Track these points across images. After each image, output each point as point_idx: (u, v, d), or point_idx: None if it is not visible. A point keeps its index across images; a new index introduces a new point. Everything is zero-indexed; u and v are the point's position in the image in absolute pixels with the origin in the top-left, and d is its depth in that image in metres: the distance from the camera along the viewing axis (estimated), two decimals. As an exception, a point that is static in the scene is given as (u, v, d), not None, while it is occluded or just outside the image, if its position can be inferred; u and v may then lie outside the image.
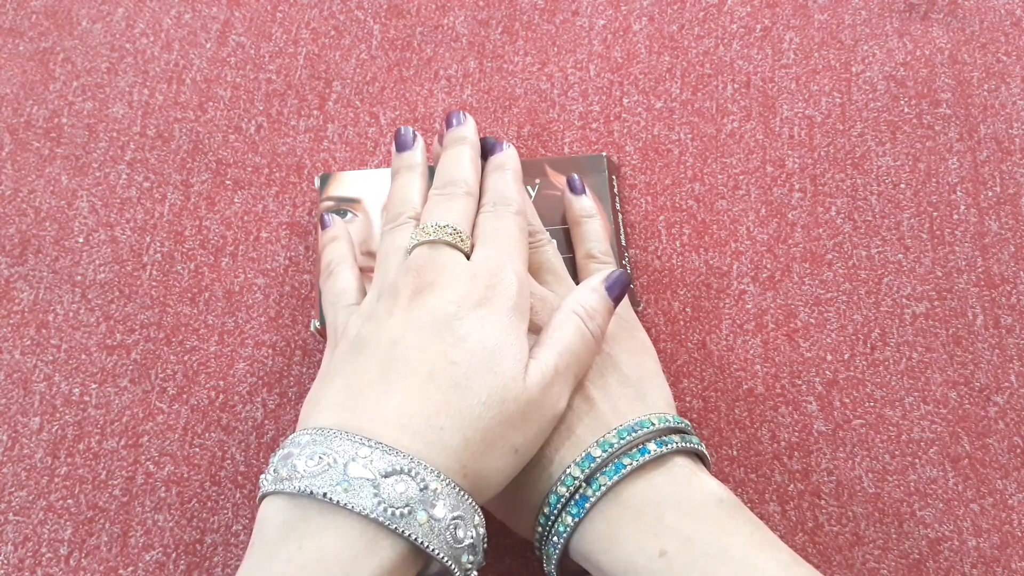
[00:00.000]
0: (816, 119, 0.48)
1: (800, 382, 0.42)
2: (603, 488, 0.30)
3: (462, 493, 0.28)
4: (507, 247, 0.34)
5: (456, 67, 0.50)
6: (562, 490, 0.31)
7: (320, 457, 0.27)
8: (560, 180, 0.42)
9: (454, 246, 0.33)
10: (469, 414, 0.29)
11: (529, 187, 0.42)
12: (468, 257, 0.33)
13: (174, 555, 0.39)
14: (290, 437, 0.29)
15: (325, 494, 0.26)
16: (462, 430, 0.29)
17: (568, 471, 0.31)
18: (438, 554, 0.27)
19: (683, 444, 0.31)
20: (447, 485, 0.28)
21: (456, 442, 0.28)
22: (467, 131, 0.38)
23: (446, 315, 0.31)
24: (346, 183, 0.42)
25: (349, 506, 0.26)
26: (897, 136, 0.48)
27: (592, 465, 0.30)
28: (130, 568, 0.39)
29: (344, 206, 0.41)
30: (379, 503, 0.26)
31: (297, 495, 0.27)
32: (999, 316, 0.44)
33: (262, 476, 0.29)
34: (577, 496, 0.30)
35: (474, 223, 0.35)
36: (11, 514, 0.40)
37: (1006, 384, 0.43)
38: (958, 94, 0.49)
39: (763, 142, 0.48)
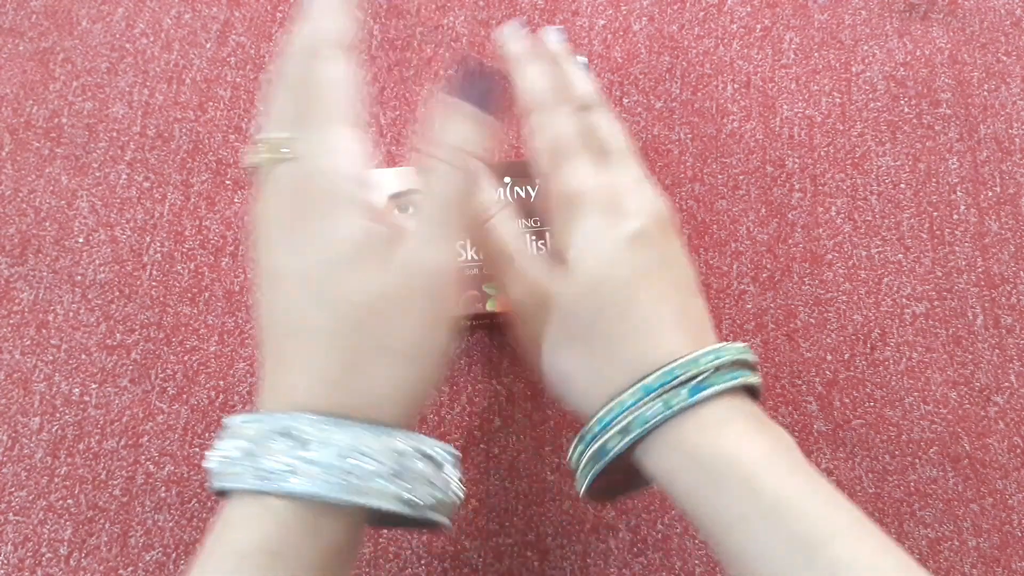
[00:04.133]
0: (816, 119, 0.48)
1: (800, 382, 0.42)
2: (722, 385, 0.29)
3: (350, 427, 0.26)
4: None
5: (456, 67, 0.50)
6: (685, 371, 0.29)
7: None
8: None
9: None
10: (319, 349, 0.27)
11: (529, 187, 0.42)
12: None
13: (174, 555, 0.39)
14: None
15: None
16: (318, 368, 0.27)
17: (692, 357, 0.29)
18: (336, 498, 0.25)
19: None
20: (322, 426, 0.26)
21: (318, 380, 0.27)
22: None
23: (262, 243, 0.29)
24: (346, 183, 0.42)
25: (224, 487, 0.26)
26: (897, 136, 0.48)
27: (718, 361, 0.29)
28: (130, 568, 0.39)
29: (344, 206, 0.41)
30: (254, 477, 0.26)
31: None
32: (999, 316, 0.44)
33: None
34: (693, 383, 0.29)
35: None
36: (11, 514, 0.40)
37: (1006, 384, 0.43)
38: (958, 94, 0.49)
39: (763, 142, 0.48)
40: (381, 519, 0.30)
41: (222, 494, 0.28)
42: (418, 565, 0.39)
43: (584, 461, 0.31)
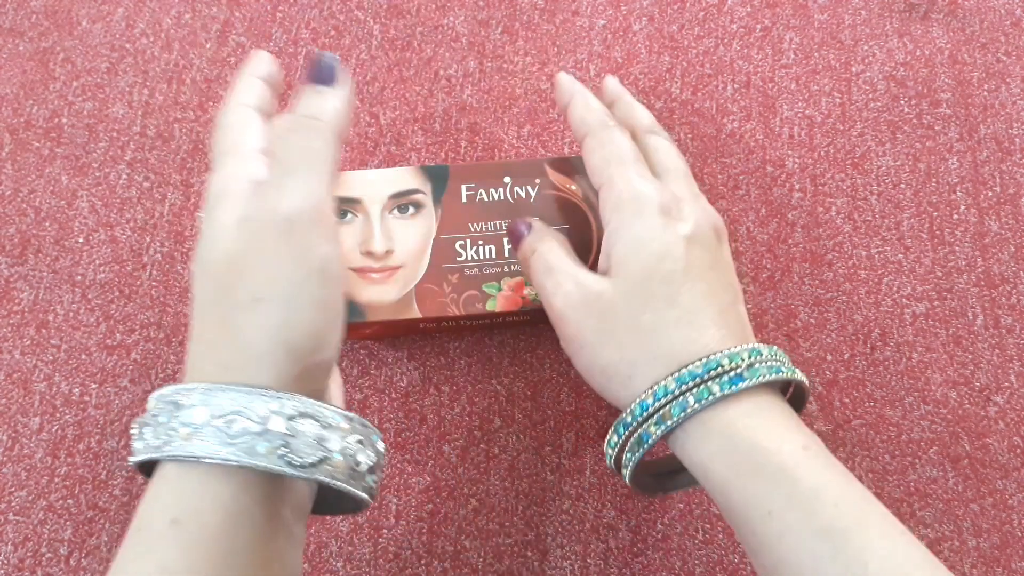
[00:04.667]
0: (816, 119, 0.48)
1: (800, 382, 0.42)
2: (762, 378, 0.30)
3: (227, 389, 0.27)
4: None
5: (456, 67, 0.50)
6: (725, 363, 0.31)
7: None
8: (560, 180, 0.42)
9: None
10: (200, 319, 0.29)
11: (529, 187, 0.42)
12: None
13: (174, 555, 0.39)
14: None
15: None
16: (200, 336, 0.28)
17: (734, 351, 0.31)
18: (213, 458, 0.26)
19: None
20: (201, 390, 0.27)
21: (202, 345, 0.28)
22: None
23: None
24: (346, 183, 0.42)
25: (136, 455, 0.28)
26: (897, 136, 0.48)
27: (758, 357, 0.31)
28: (130, 568, 0.39)
29: (344, 206, 0.41)
30: (145, 446, 0.27)
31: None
32: (999, 316, 0.44)
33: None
34: (733, 373, 0.30)
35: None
36: (11, 514, 0.40)
37: (1006, 384, 0.43)
38: (958, 94, 0.49)
39: (763, 142, 0.48)
40: (320, 504, 0.31)
41: (147, 473, 0.28)
42: (418, 565, 0.39)
43: (624, 451, 0.32)
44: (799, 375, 0.32)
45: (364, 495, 0.28)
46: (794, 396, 0.34)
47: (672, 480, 0.37)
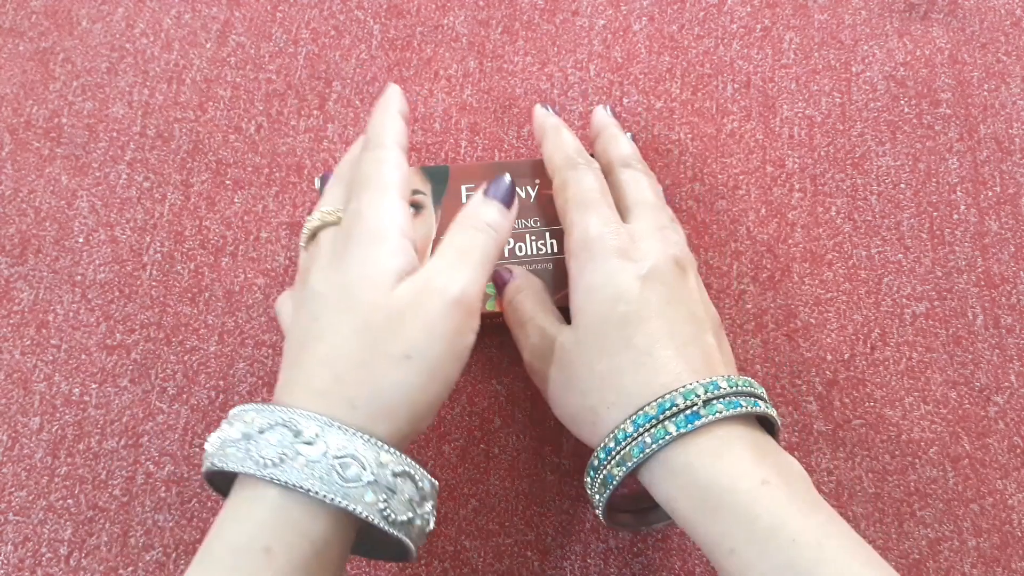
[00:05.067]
0: (816, 119, 0.48)
1: (800, 382, 0.42)
2: (719, 413, 0.30)
3: (347, 431, 0.28)
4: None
5: (456, 67, 0.50)
6: (680, 401, 0.30)
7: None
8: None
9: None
10: (335, 348, 0.29)
11: (528, 187, 0.42)
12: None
13: (174, 555, 0.39)
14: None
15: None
16: (329, 366, 0.29)
17: (689, 387, 0.31)
18: (323, 494, 0.27)
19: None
20: (320, 423, 0.27)
21: (332, 373, 0.29)
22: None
23: (305, 281, 0.32)
24: (346, 183, 0.42)
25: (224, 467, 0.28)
26: (897, 136, 0.48)
27: (716, 391, 0.31)
28: (130, 568, 0.39)
29: (344, 206, 0.41)
30: (247, 458, 0.27)
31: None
32: (999, 316, 0.44)
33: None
34: (689, 411, 0.30)
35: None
36: (11, 514, 0.40)
37: (1006, 384, 0.43)
38: (958, 94, 0.49)
39: (763, 142, 0.48)
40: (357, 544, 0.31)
41: (212, 481, 0.29)
42: (418, 565, 0.39)
43: (595, 490, 0.33)
44: (762, 408, 0.31)
45: (415, 553, 0.30)
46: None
47: (654, 513, 0.37)
